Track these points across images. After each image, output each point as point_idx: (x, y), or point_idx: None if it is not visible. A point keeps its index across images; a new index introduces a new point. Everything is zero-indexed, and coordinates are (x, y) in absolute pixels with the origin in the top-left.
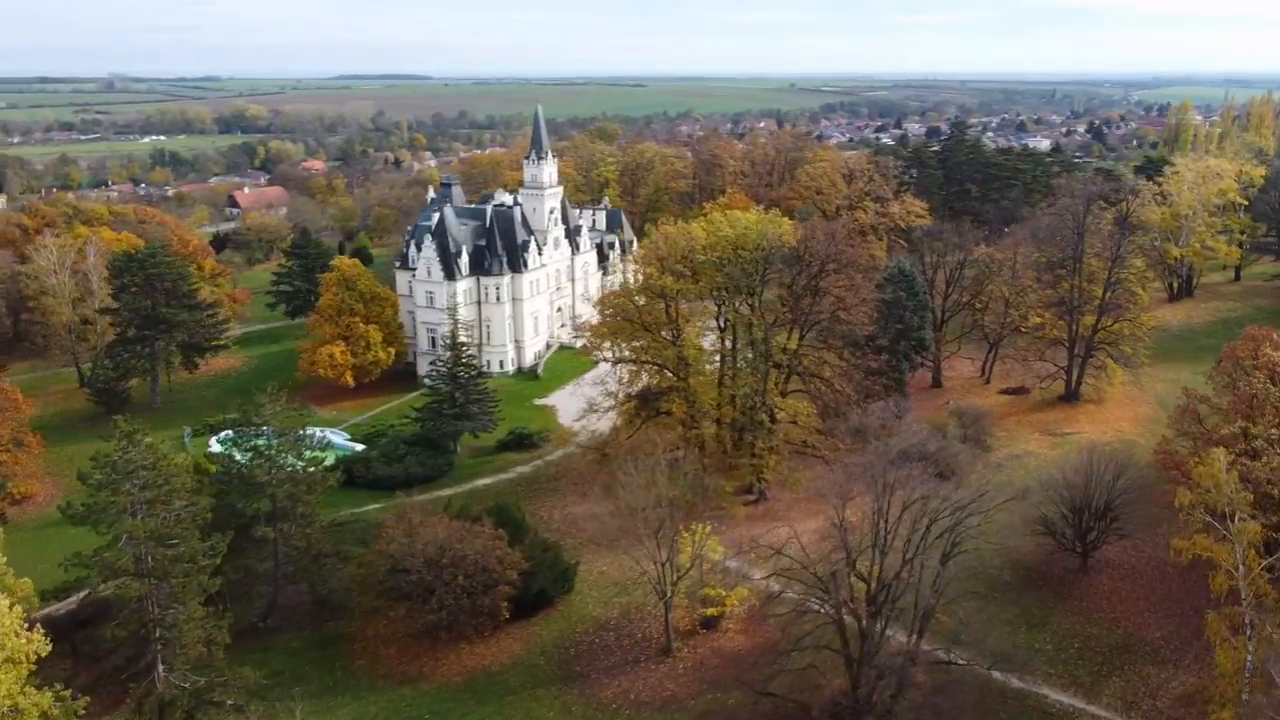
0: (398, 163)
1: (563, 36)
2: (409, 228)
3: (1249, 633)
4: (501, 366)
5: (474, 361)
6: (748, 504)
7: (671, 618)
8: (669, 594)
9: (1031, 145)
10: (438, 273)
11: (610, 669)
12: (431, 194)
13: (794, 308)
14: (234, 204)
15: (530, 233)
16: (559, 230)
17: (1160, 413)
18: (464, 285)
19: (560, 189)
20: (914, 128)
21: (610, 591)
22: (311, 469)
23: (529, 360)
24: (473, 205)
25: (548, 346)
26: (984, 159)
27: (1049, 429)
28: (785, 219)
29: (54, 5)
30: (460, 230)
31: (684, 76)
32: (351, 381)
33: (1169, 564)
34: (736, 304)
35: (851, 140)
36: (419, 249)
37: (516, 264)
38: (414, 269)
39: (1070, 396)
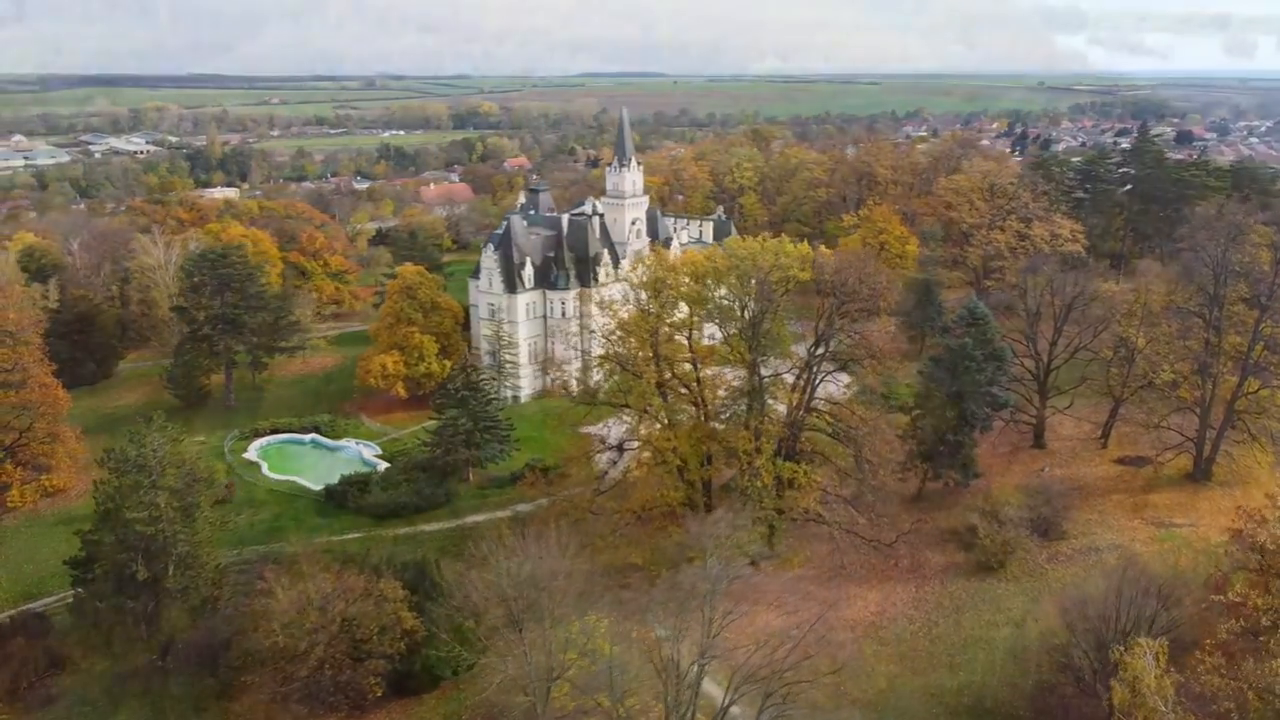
0: (595, 161)
1: (802, 34)
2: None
3: None
4: (565, 388)
5: (486, 385)
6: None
7: None
8: (541, 702)
9: None
10: (498, 284)
11: None
12: (522, 199)
13: (808, 353)
14: (418, 199)
15: (607, 245)
16: (641, 243)
17: None
18: (527, 299)
19: (645, 199)
20: (1165, 131)
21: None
22: (193, 508)
23: (595, 380)
24: (553, 214)
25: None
26: (1166, 174)
27: (1157, 516)
28: (801, 246)
29: (335, 6)
30: (528, 240)
31: (921, 74)
32: (404, 393)
33: None
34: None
35: (1083, 144)
36: None
37: (586, 278)
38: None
39: (1199, 475)
